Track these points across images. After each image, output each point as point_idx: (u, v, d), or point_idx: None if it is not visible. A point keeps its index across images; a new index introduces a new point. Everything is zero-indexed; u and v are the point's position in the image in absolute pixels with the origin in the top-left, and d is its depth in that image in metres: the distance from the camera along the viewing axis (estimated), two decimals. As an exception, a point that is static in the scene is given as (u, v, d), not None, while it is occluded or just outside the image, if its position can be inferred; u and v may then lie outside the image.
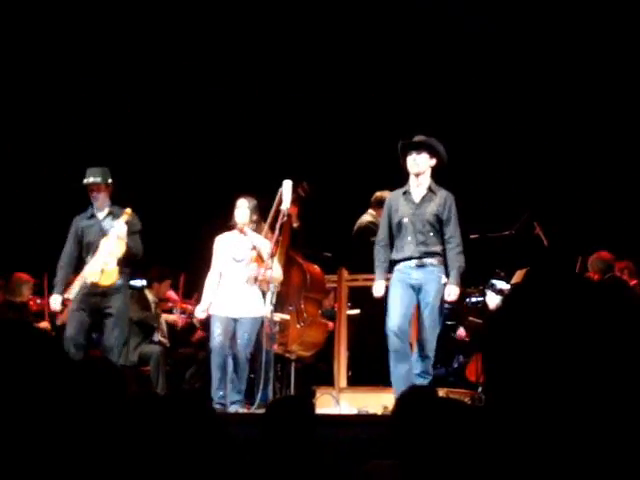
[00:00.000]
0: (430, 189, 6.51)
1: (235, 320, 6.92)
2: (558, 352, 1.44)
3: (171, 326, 8.98)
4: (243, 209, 7.09)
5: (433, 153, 6.49)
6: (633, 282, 7.65)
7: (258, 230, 7.23)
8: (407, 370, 6.37)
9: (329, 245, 8.38)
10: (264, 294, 6.98)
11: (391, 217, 6.57)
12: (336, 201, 9.51)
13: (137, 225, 7.26)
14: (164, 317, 8.93)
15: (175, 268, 8.97)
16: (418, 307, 6.46)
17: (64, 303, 7.14)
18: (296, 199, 7.37)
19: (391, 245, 6.57)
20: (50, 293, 7.48)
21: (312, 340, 7.54)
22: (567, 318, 1.47)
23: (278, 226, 7.06)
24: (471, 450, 1.91)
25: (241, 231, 7.10)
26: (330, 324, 7.80)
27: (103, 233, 7.11)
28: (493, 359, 1.44)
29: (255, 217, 7.15)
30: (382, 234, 6.64)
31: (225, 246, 7.12)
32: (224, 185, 9.27)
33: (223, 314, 6.95)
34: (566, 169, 9.53)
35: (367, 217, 8.05)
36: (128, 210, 7.19)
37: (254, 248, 7.01)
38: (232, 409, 6.73)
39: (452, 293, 6.39)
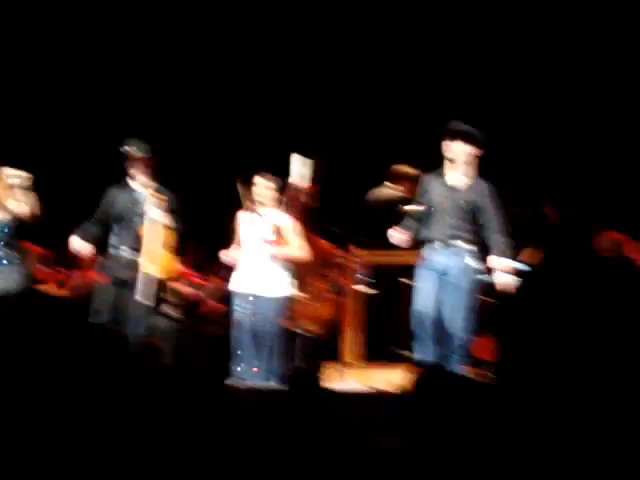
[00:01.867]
0: (469, 176, 6.53)
1: (257, 297, 6.91)
2: (574, 330, 1.44)
3: (182, 298, 8.95)
4: (266, 187, 7.04)
5: (471, 141, 6.51)
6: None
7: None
8: (432, 350, 6.41)
9: (337, 220, 8.38)
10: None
11: (425, 197, 6.61)
12: (345, 176, 9.51)
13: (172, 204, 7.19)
14: (175, 287, 8.84)
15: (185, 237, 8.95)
16: (444, 288, 6.46)
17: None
18: (316, 178, 7.32)
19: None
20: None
21: (321, 315, 7.56)
22: (583, 296, 1.48)
23: (285, 200, 7.04)
24: (481, 426, 1.92)
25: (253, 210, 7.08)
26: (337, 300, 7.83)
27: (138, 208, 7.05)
28: (509, 338, 1.44)
29: (279, 196, 7.10)
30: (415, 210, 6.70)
31: (249, 224, 7.10)
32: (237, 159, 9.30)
33: (246, 291, 6.95)
34: (578, 145, 9.50)
35: (388, 190, 8.06)
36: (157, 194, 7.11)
37: (277, 227, 7.01)
38: (258, 383, 6.75)
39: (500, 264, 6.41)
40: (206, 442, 2.04)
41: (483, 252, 6.53)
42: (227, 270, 8.78)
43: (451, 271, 6.43)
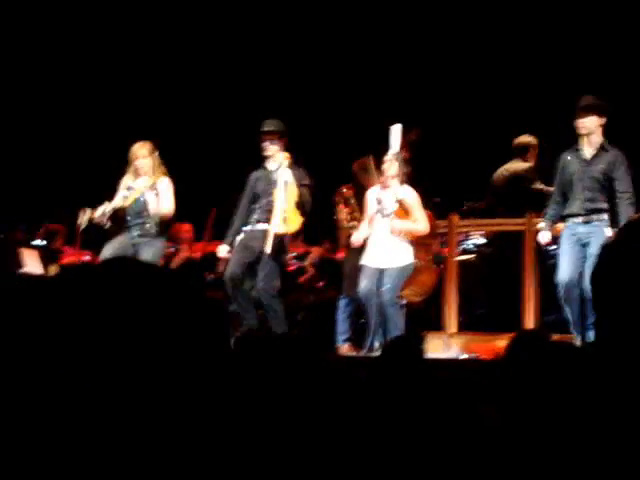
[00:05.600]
0: (602, 147, 6.67)
1: (382, 270, 7.02)
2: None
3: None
4: (393, 162, 7.13)
5: (602, 113, 6.66)
6: None
7: (371, 178, 7.34)
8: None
9: (439, 190, 8.34)
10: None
11: (562, 174, 6.80)
12: (448, 147, 9.45)
13: (305, 177, 7.31)
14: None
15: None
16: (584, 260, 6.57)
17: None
18: (407, 144, 7.36)
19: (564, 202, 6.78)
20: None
21: (423, 285, 7.55)
22: None
23: (400, 172, 7.11)
24: (580, 394, 1.90)
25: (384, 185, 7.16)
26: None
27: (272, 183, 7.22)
28: (604, 297, 1.43)
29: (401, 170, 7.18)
30: (555, 191, 6.89)
31: (373, 199, 7.20)
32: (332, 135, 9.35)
33: (373, 265, 7.06)
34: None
35: (521, 164, 8.03)
36: (286, 155, 7.27)
37: (399, 201, 7.08)
38: (364, 353, 6.90)
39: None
40: (309, 411, 2.08)
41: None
42: (330, 240, 8.85)
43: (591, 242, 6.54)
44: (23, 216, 9.77)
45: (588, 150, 6.70)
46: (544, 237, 6.91)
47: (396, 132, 7.16)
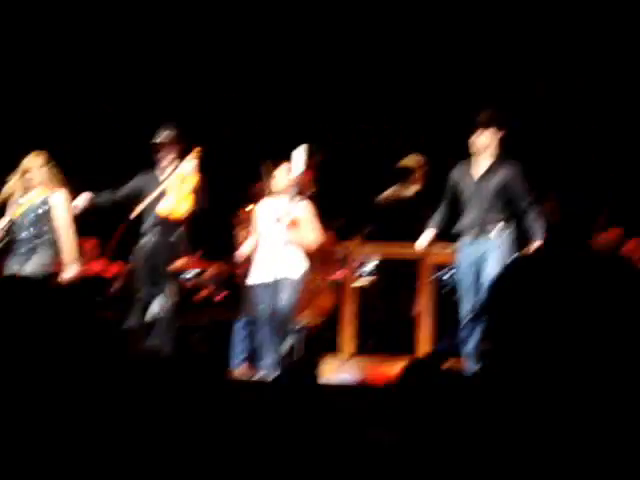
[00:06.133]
0: (494, 164, 6.49)
1: (276, 282, 6.88)
2: (561, 320, 1.45)
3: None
4: (284, 176, 7.10)
5: (496, 126, 6.48)
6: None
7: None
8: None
9: (340, 212, 8.40)
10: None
11: (454, 189, 6.61)
12: (351, 168, 9.53)
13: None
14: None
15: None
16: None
17: None
18: (312, 165, 7.37)
19: (450, 218, 6.62)
20: None
21: (321, 307, 7.59)
22: (573, 288, 1.49)
23: (292, 187, 7.10)
24: (470, 420, 1.94)
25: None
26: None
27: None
28: (494, 324, 1.46)
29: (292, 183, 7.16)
30: (443, 203, 6.69)
31: (267, 212, 7.14)
32: (237, 150, 9.34)
33: (266, 280, 6.95)
34: (579, 145, 9.52)
35: (405, 189, 8.04)
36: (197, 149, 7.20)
37: (290, 212, 7.03)
38: (263, 374, 6.82)
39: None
40: (202, 434, 2.07)
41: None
42: (229, 261, 8.82)
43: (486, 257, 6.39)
44: None
45: (483, 166, 6.52)
46: (421, 241, 6.71)
47: (300, 153, 7.17)
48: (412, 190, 7.96)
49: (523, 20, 9.69)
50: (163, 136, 7.27)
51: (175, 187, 7.07)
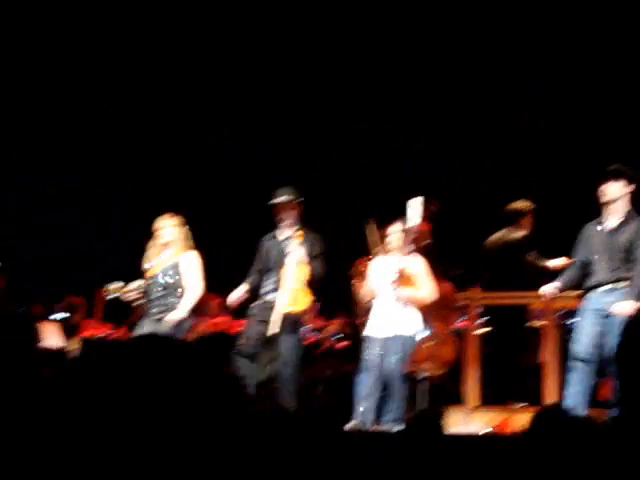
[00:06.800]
0: (626, 216, 6.43)
1: (387, 340, 6.98)
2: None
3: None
4: (398, 233, 7.17)
5: (631, 180, 6.41)
6: None
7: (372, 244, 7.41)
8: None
9: (459, 262, 8.34)
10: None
11: (584, 245, 6.56)
12: (466, 217, 9.48)
13: (317, 248, 7.35)
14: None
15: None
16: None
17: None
18: (427, 216, 7.39)
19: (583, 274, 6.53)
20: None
21: (443, 358, 7.51)
22: None
23: (407, 244, 7.14)
24: (600, 471, 1.88)
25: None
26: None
27: (283, 254, 7.23)
28: (627, 373, 1.42)
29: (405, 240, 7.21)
30: (575, 259, 6.64)
31: (380, 269, 7.21)
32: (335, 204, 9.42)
33: (379, 335, 7.04)
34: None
35: (514, 233, 7.95)
36: (299, 233, 7.29)
37: (402, 270, 7.08)
38: (380, 427, 6.83)
39: (625, 307, 6.20)
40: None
41: None
42: (347, 313, 8.84)
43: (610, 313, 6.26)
44: (42, 289, 9.79)
45: (613, 220, 6.47)
46: (547, 288, 6.62)
47: (416, 205, 7.19)
48: (520, 234, 7.87)
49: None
50: (283, 197, 7.33)
51: (290, 278, 7.15)
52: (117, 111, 10.73)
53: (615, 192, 6.40)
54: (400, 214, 7.21)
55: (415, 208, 7.17)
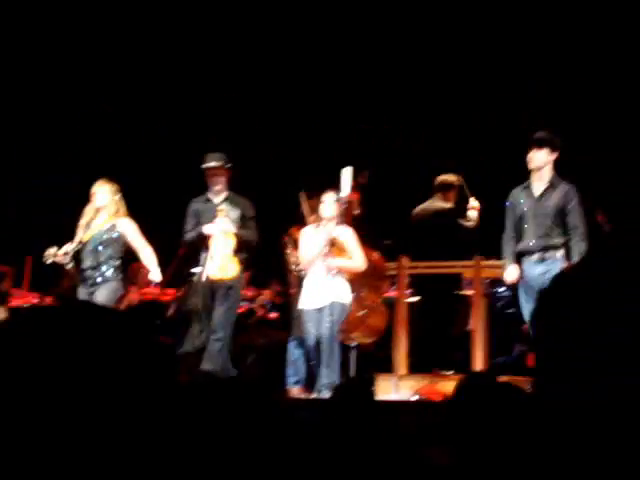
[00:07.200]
0: (551, 183, 6.62)
1: (321, 309, 7.05)
2: (613, 333, 1.45)
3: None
4: (330, 203, 7.21)
5: (553, 148, 6.60)
6: None
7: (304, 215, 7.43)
8: None
9: (389, 232, 8.40)
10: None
11: (514, 211, 6.73)
12: (397, 188, 9.54)
13: (249, 212, 7.43)
14: None
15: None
16: None
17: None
18: (357, 186, 7.44)
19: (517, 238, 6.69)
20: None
21: (373, 327, 7.59)
22: (631, 297, 1.48)
23: (338, 213, 7.20)
24: (526, 436, 1.94)
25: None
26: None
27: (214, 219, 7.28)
28: (543, 341, 1.46)
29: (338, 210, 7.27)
30: (508, 227, 6.76)
31: (311, 238, 7.25)
32: (278, 175, 9.42)
33: (313, 306, 7.11)
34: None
35: (437, 202, 8.02)
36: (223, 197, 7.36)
37: (333, 239, 7.15)
38: (312, 394, 6.97)
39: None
40: (254, 453, 2.09)
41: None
42: (280, 282, 8.87)
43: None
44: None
45: (538, 186, 6.66)
46: (511, 274, 6.70)
47: (347, 175, 7.23)
48: (448, 205, 7.97)
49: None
50: (213, 162, 7.37)
51: (219, 247, 7.20)
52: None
53: (540, 159, 6.61)
54: (332, 183, 7.24)
55: (346, 178, 7.21)
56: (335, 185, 7.26)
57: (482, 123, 9.93)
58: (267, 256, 7.98)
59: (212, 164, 7.40)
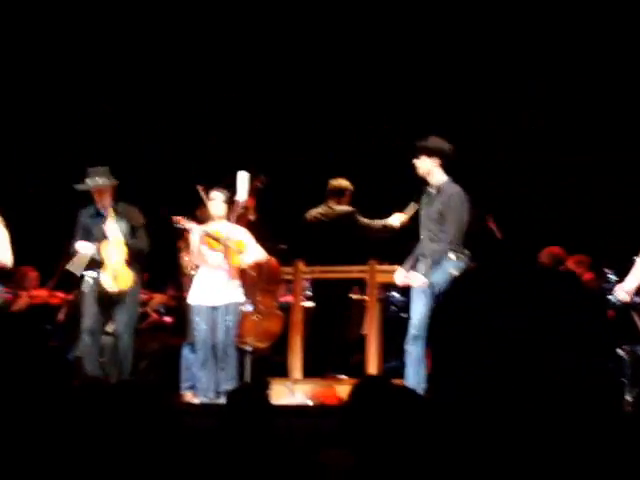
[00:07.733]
0: (438, 188, 6.60)
1: (216, 308, 7.06)
2: (507, 336, 1.47)
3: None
4: (219, 202, 7.18)
5: (430, 153, 6.58)
6: (588, 276, 7.77)
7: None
8: None
9: (284, 237, 8.40)
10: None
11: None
12: (292, 193, 9.54)
13: (138, 221, 7.34)
14: None
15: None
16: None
17: None
18: (253, 191, 7.44)
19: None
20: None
21: (268, 331, 7.57)
22: (517, 302, 1.51)
23: (234, 218, 7.20)
24: (421, 437, 1.95)
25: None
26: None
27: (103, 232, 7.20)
28: (438, 346, 1.47)
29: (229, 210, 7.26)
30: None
31: (198, 238, 7.21)
32: (178, 176, 9.33)
33: (206, 303, 7.10)
34: (522, 167, 9.66)
35: (335, 207, 7.99)
36: (111, 212, 7.25)
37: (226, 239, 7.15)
38: (205, 399, 6.96)
39: (412, 279, 6.49)
40: (150, 458, 2.06)
41: None
42: (175, 286, 8.78)
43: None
44: None
45: (430, 192, 6.65)
46: (399, 277, 6.73)
47: (243, 179, 7.21)
48: (346, 208, 7.94)
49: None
50: (100, 182, 7.23)
51: (111, 257, 7.16)
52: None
53: (422, 166, 6.61)
54: (222, 182, 7.24)
55: (242, 182, 7.20)
56: (223, 184, 7.26)
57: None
58: (160, 260, 7.89)
59: (99, 184, 7.23)
